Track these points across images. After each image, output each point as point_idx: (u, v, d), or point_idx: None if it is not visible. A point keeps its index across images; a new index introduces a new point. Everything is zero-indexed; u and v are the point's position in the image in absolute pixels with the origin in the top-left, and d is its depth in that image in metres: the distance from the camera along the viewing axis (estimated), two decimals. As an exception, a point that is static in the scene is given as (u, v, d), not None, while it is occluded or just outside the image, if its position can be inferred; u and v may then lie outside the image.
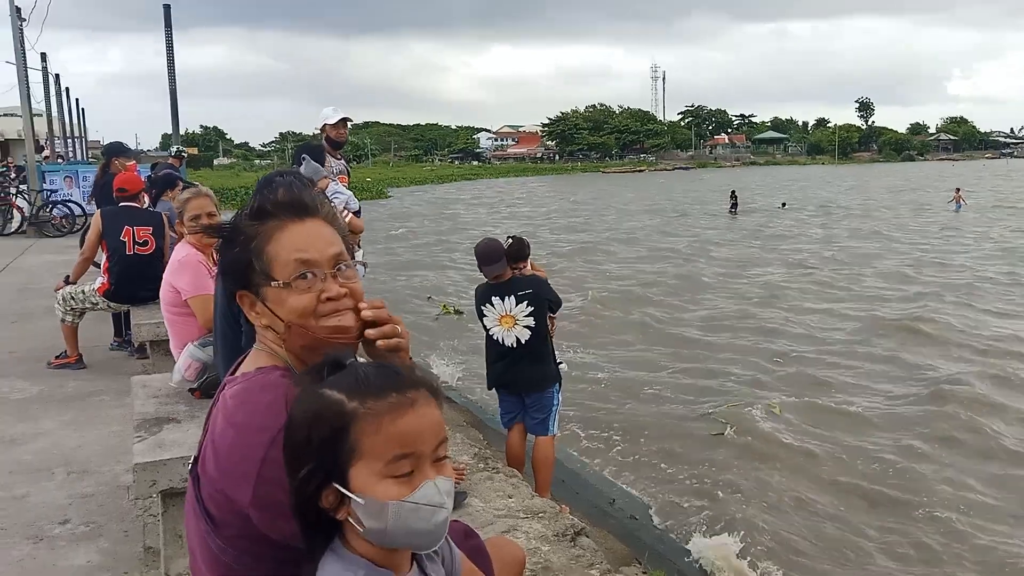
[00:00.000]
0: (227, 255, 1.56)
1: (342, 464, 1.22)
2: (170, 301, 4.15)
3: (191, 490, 1.54)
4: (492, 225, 30.59)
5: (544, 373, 5.41)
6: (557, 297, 5.43)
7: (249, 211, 1.57)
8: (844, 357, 10.86)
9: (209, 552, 1.48)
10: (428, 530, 1.24)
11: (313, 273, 1.50)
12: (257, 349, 1.59)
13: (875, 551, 5.90)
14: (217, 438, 1.46)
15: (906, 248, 22.02)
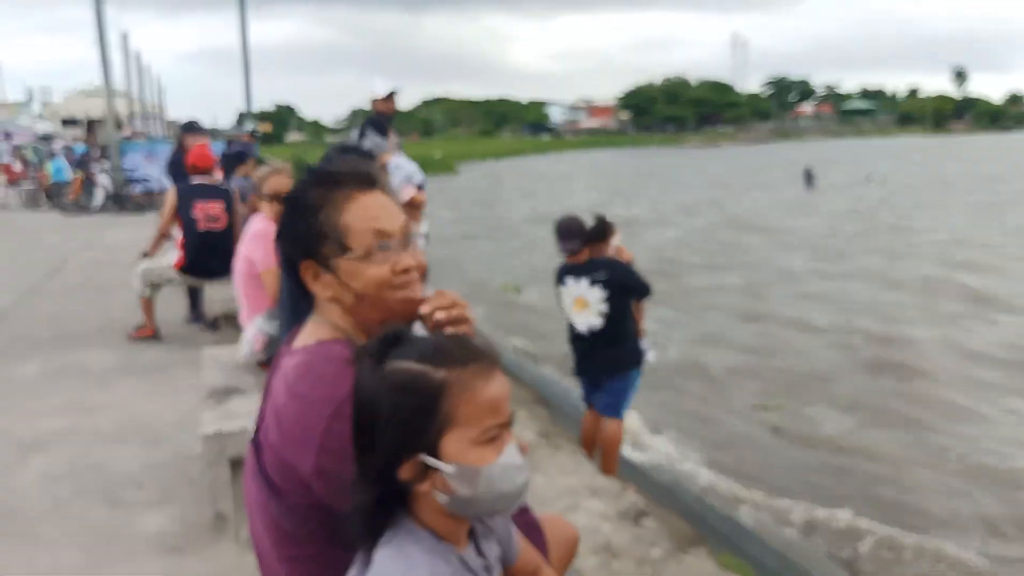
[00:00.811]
0: (292, 224, 1.54)
1: (433, 434, 1.20)
2: (245, 272, 4.22)
3: (252, 457, 1.56)
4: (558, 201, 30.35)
5: (619, 357, 5.20)
6: (640, 283, 5.11)
7: (315, 179, 1.55)
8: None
9: (270, 518, 1.51)
10: (513, 492, 1.24)
11: (389, 245, 1.50)
12: (316, 321, 1.58)
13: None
14: (280, 408, 1.47)
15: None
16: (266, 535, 1.54)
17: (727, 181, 40.61)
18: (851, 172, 41.84)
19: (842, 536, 5.92)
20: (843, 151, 72.47)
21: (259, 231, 4.27)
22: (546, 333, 10.40)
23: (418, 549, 1.24)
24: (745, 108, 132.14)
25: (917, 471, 6.91)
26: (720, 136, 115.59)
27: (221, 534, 3.42)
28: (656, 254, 17.45)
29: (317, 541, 1.48)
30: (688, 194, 33.69)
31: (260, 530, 1.57)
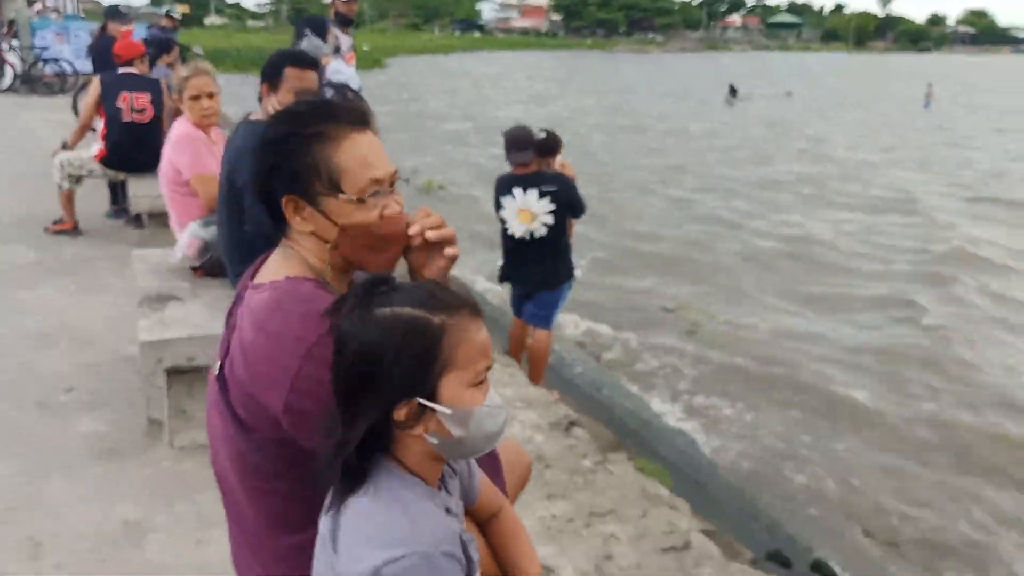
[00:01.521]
0: (281, 155, 1.50)
1: (433, 378, 1.23)
2: (171, 179, 4.10)
3: (216, 390, 1.55)
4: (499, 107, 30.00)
5: (557, 271, 5.32)
6: (581, 201, 5.19)
7: (308, 112, 1.51)
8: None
9: (237, 452, 1.52)
10: (497, 432, 1.31)
11: (380, 191, 1.50)
12: (285, 255, 1.56)
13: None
14: (247, 343, 1.46)
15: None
16: (231, 467, 1.56)
17: (654, 90, 40.81)
18: (773, 87, 42.64)
19: (746, 428, 6.38)
20: (768, 64, 73.40)
21: (183, 135, 4.13)
22: (472, 235, 10.47)
23: (411, 494, 1.27)
24: (676, 15, 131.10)
25: (825, 366, 7.40)
26: (650, 43, 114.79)
27: (156, 440, 3.43)
28: (589, 159, 17.71)
29: (284, 476, 1.50)
30: (612, 100, 33.86)
31: (225, 462, 1.58)
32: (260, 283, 1.54)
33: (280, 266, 1.55)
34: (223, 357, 1.57)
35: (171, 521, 2.87)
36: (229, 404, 1.51)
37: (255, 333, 1.46)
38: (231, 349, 1.54)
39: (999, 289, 9.82)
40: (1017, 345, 8.15)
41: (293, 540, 1.54)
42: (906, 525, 5.29)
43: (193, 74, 4.24)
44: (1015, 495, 5.56)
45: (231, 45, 44.68)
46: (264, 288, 1.51)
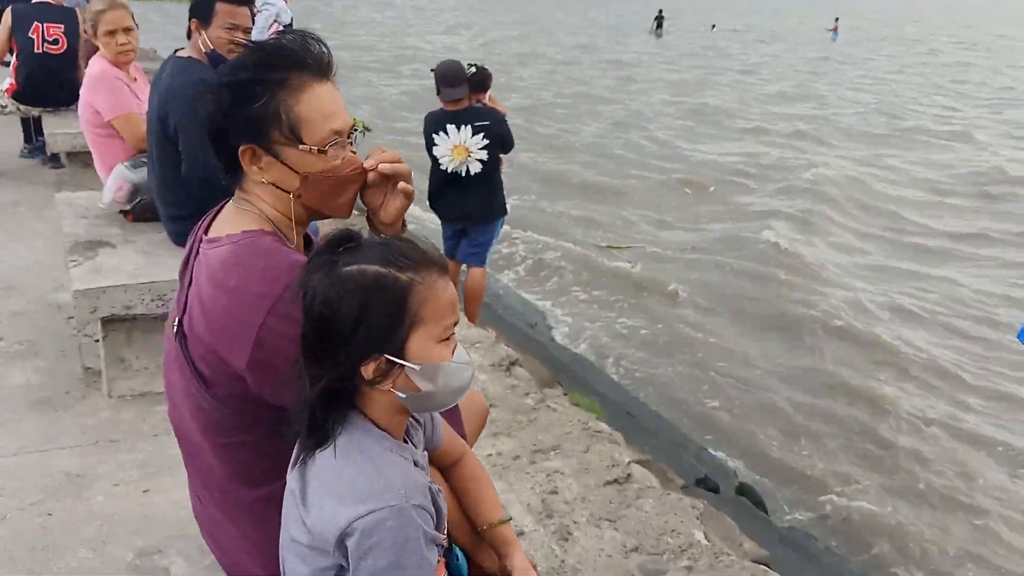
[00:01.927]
0: (240, 104, 1.45)
1: (400, 334, 1.24)
2: (91, 121, 3.92)
3: (176, 346, 1.54)
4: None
5: (491, 205, 5.33)
6: (511, 137, 5.22)
7: (268, 59, 1.47)
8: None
9: (199, 408, 1.51)
10: (463, 387, 1.33)
11: (340, 142, 1.49)
12: (240, 207, 1.53)
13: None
14: (206, 300, 1.45)
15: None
16: (194, 423, 1.55)
17: (579, 19, 40.51)
18: (700, 20, 42.87)
19: (668, 358, 6.64)
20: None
21: (100, 74, 3.93)
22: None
23: (379, 448, 1.30)
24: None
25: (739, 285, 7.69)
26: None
27: (93, 390, 3.36)
28: (525, 95, 17.69)
29: (249, 430, 1.50)
30: (537, 30, 33.65)
31: (187, 418, 1.58)
32: (216, 237, 1.51)
33: (236, 219, 1.52)
34: (181, 313, 1.55)
35: (115, 471, 2.84)
36: (190, 361, 1.50)
37: (215, 289, 1.45)
38: (188, 305, 1.52)
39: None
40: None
41: (259, 493, 1.55)
42: (812, 444, 5.63)
43: (108, 7, 4.01)
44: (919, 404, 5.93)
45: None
46: (221, 242, 1.49)
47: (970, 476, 5.32)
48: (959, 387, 6.39)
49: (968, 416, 6.00)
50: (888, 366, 6.68)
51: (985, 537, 4.78)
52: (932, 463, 5.43)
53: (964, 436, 5.73)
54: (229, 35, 3.10)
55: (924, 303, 7.93)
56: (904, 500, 5.10)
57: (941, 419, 5.91)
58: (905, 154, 14.27)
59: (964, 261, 9.20)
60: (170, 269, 3.21)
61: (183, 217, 3.29)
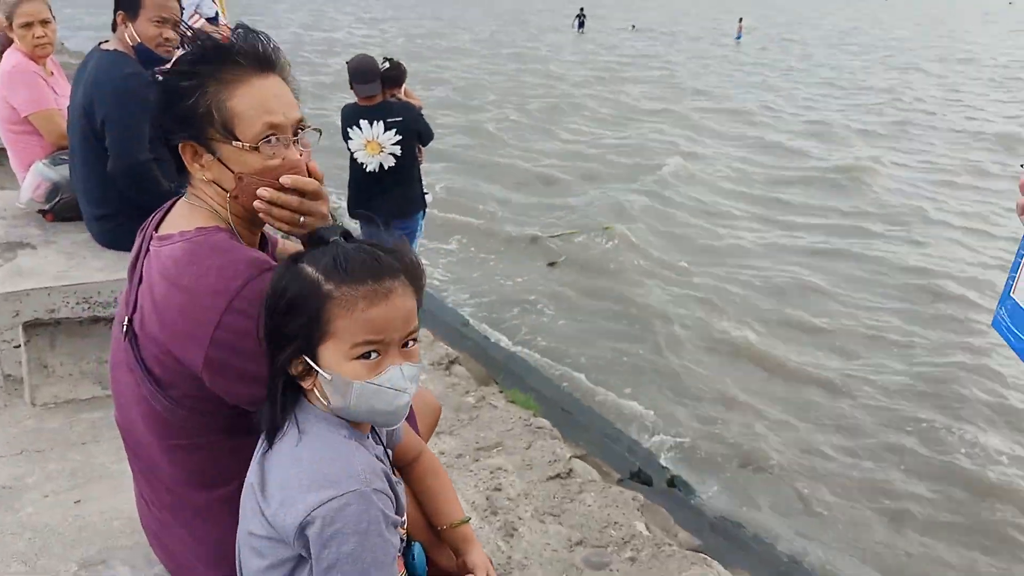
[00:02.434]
0: (176, 98, 1.41)
1: (314, 340, 1.25)
2: (6, 118, 3.74)
3: (124, 347, 1.49)
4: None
5: (408, 199, 5.29)
6: (429, 129, 5.23)
7: (204, 52, 1.42)
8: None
9: (152, 411, 1.47)
10: (389, 411, 1.29)
11: (278, 138, 1.43)
12: (190, 204, 1.50)
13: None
14: (159, 299, 1.41)
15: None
16: (145, 426, 1.51)
17: (500, 16, 40.80)
18: (618, 20, 43.72)
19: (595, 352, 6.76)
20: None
21: (15, 68, 3.75)
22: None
23: (337, 436, 1.29)
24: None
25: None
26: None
27: (14, 398, 3.21)
28: (457, 88, 17.74)
29: (205, 431, 1.48)
30: (463, 27, 33.77)
31: (136, 420, 1.53)
32: (168, 235, 1.48)
33: (187, 216, 1.49)
34: (130, 312, 1.50)
35: (44, 481, 2.72)
36: (141, 361, 1.46)
37: (168, 288, 1.41)
38: (139, 305, 1.48)
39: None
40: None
41: (216, 494, 1.52)
42: (736, 429, 5.80)
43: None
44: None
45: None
46: (173, 239, 1.46)
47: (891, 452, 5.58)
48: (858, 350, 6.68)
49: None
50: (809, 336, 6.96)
51: (895, 514, 5.02)
52: (862, 448, 5.66)
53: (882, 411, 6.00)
54: (158, 28, 3.00)
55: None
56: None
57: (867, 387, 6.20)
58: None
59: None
60: (95, 270, 3.11)
61: (109, 216, 3.19)
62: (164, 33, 3.01)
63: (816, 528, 4.90)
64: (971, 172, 13.35)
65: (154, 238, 1.50)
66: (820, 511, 5.04)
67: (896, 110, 19.16)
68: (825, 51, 32.54)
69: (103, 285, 3.03)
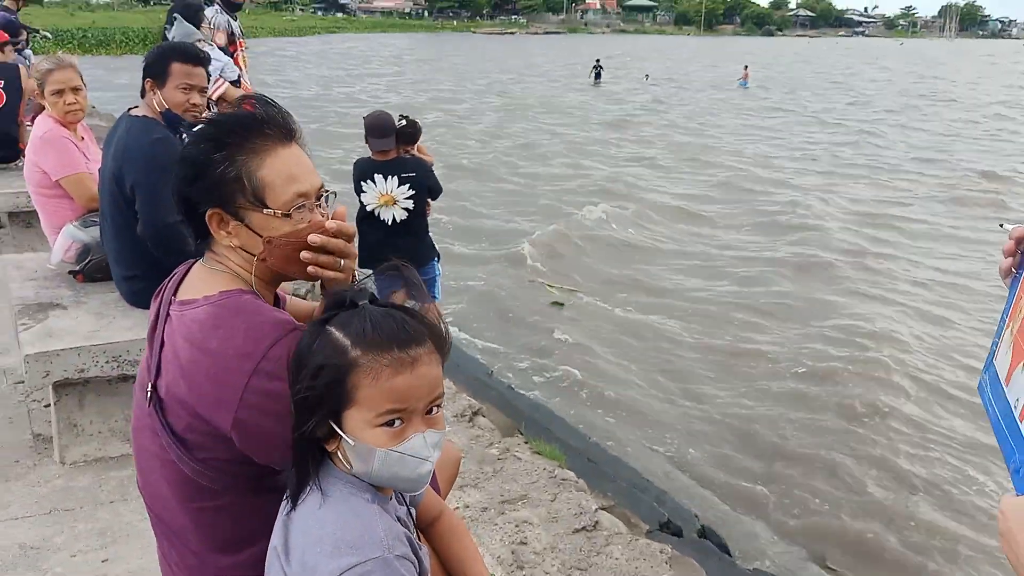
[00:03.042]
0: (204, 170, 1.47)
1: (339, 406, 1.26)
2: (37, 182, 3.85)
3: (148, 412, 1.51)
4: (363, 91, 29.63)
5: (420, 247, 5.39)
6: (439, 185, 5.36)
7: (232, 125, 1.48)
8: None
9: (178, 474, 1.48)
10: (412, 478, 1.31)
11: (305, 204, 1.49)
12: (211, 269, 1.53)
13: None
14: (186, 363, 1.43)
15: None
16: (169, 489, 1.52)
17: (526, 72, 41.61)
18: (632, 70, 44.43)
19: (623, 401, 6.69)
20: (625, 47, 75.94)
21: (47, 135, 3.88)
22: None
23: (360, 500, 1.30)
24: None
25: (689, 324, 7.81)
26: (513, 26, 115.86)
27: (44, 457, 3.26)
28: (479, 143, 18.00)
29: (231, 492, 1.49)
30: (488, 81, 34.40)
31: (160, 483, 1.54)
32: (190, 299, 1.50)
33: (208, 280, 1.52)
34: (154, 379, 1.53)
35: (72, 540, 2.75)
36: (168, 426, 1.48)
37: (194, 351, 1.44)
38: (163, 369, 1.50)
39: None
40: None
41: (240, 557, 1.52)
42: (772, 483, 5.70)
43: (56, 67, 3.98)
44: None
45: (74, 26, 41.97)
46: (197, 304, 1.48)
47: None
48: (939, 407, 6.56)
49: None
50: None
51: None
52: (893, 510, 5.54)
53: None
54: (184, 95, 3.10)
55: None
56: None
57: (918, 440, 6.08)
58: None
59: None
60: (125, 330, 3.16)
61: (138, 276, 3.25)
62: (191, 99, 3.11)
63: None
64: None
65: (175, 303, 1.53)
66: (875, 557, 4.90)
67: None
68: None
69: (132, 344, 3.08)
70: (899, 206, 13.75)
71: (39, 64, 4.14)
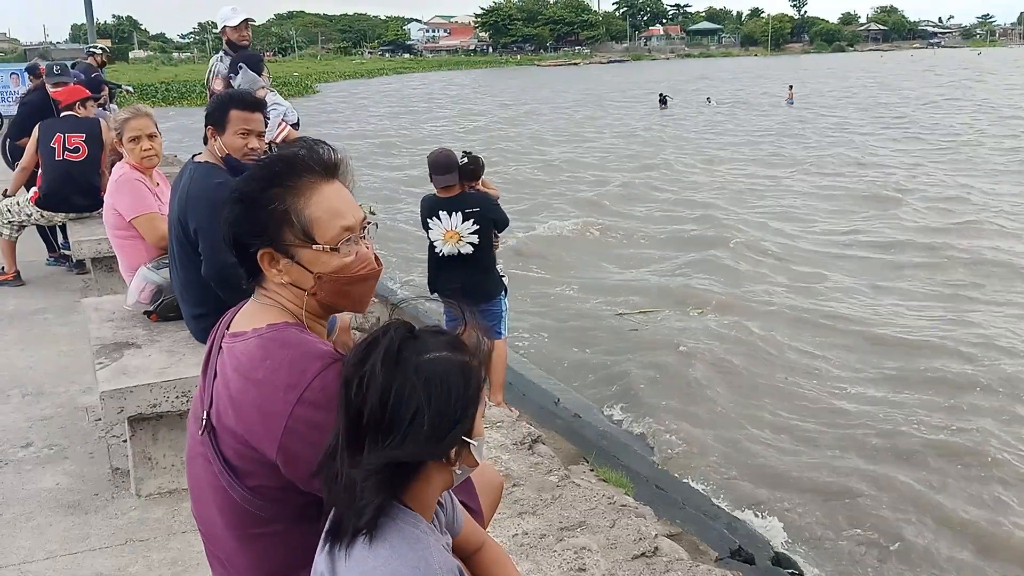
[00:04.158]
0: (253, 211, 1.55)
1: (474, 414, 1.32)
2: (113, 224, 4.07)
3: (204, 440, 1.58)
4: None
5: (487, 282, 5.45)
6: (504, 217, 5.43)
7: (278, 166, 1.57)
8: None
9: (229, 501, 1.55)
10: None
11: (352, 238, 1.57)
12: (261, 303, 1.61)
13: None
14: (235, 393, 1.51)
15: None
16: (221, 517, 1.59)
17: (596, 102, 42.08)
18: (696, 94, 44.31)
19: (695, 428, 6.54)
20: (690, 71, 75.56)
21: (122, 178, 4.11)
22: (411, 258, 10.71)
23: (416, 531, 1.31)
24: (601, 27, 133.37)
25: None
26: (577, 56, 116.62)
27: (121, 489, 3.40)
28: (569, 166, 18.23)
29: (279, 520, 1.54)
30: (560, 114, 34.80)
31: (212, 511, 1.61)
32: (240, 332, 1.58)
33: (258, 314, 1.60)
34: (208, 407, 1.60)
35: (146, 570, 2.86)
36: (220, 454, 1.55)
37: (243, 382, 1.51)
38: (215, 399, 1.58)
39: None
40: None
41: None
42: (851, 508, 5.51)
43: (132, 116, 4.22)
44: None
45: (158, 80, 44.08)
46: (246, 336, 1.56)
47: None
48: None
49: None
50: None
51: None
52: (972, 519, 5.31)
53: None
54: (243, 139, 3.25)
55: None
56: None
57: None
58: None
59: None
60: (194, 366, 3.29)
61: (205, 315, 3.39)
62: (249, 143, 3.25)
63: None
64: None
65: (226, 336, 1.61)
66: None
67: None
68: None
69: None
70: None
71: (117, 114, 4.39)
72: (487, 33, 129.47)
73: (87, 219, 6.09)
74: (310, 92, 50.16)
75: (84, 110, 6.20)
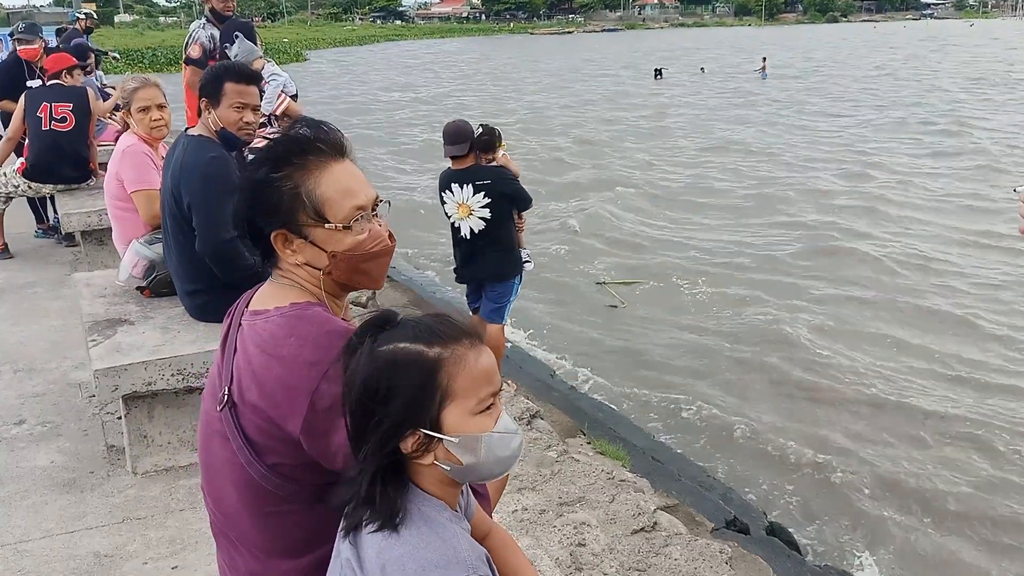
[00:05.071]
0: (265, 193, 1.53)
1: (432, 409, 1.25)
2: (114, 193, 4.00)
3: (220, 417, 1.56)
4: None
5: (502, 263, 5.28)
6: (523, 194, 5.21)
7: (287, 147, 1.55)
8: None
9: (246, 478, 1.54)
10: (511, 456, 1.32)
11: (364, 215, 1.56)
12: (279, 284, 1.60)
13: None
14: (259, 369, 1.50)
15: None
16: (236, 494, 1.57)
17: (586, 71, 41.87)
18: (688, 64, 44.23)
19: (690, 401, 6.59)
20: (684, 41, 75.14)
21: (129, 148, 4.04)
22: (428, 239, 10.66)
23: (440, 517, 1.29)
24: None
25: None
26: (570, 25, 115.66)
27: (117, 467, 3.38)
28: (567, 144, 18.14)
29: (297, 498, 1.53)
30: (554, 83, 34.67)
31: (227, 488, 1.59)
32: (262, 310, 1.58)
33: (279, 294, 1.59)
34: (229, 383, 1.58)
35: (144, 548, 2.85)
36: (241, 430, 1.53)
37: (267, 359, 1.50)
38: (235, 376, 1.56)
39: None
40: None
41: (299, 562, 1.57)
42: (844, 478, 5.55)
43: (142, 86, 4.14)
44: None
45: (144, 45, 43.43)
46: (270, 315, 1.55)
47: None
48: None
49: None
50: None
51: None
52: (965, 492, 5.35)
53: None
54: (238, 113, 3.18)
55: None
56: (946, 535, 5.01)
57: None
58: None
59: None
60: (189, 343, 3.26)
61: (199, 291, 3.35)
62: (244, 117, 3.18)
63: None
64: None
65: (247, 313, 1.60)
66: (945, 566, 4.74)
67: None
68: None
69: (196, 357, 3.18)
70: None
71: (125, 83, 4.29)
72: (480, 0, 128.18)
73: (75, 191, 6.00)
74: (300, 59, 49.62)
75: (71, 78, 6.08)
